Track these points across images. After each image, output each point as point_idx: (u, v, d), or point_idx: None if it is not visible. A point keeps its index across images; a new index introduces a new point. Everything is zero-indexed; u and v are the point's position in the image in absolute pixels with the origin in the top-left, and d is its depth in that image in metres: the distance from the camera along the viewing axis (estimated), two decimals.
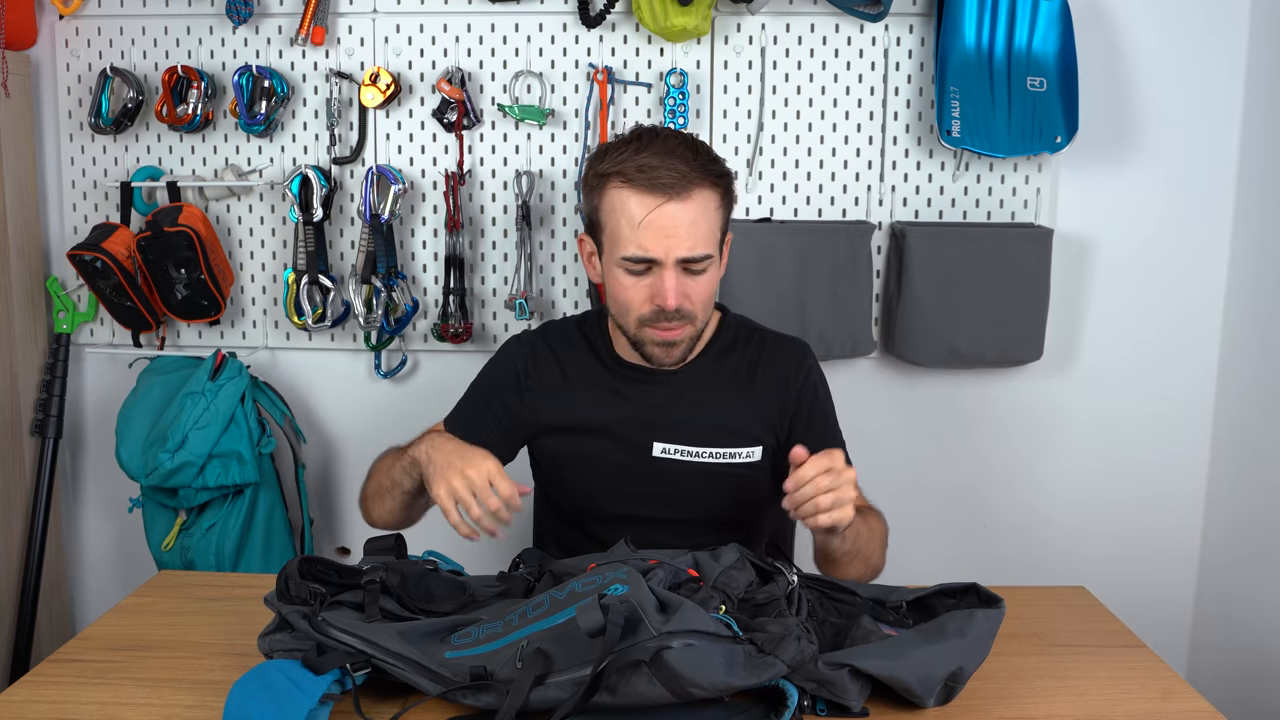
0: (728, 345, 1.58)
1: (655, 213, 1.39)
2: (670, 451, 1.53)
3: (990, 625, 1.17)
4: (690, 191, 1.40)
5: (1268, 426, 2.05)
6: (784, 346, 1.60)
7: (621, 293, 1.46)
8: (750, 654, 1.05)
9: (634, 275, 1.44)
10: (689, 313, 1.44)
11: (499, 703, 1.06)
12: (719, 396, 1.55)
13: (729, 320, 1.61)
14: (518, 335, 1.68)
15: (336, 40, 2.14)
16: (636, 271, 1.43)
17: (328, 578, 1.24)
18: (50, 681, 1.22)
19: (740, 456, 1.53)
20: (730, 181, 1.49)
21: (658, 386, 1.55)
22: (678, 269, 1.42)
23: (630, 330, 1.49)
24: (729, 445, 1.53)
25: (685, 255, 1.41)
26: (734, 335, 1.59)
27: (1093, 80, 2.09)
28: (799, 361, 1.58)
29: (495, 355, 1.66)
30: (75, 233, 2.22)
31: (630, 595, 1.06)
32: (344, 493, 2.32)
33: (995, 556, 2.24)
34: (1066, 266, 2.15)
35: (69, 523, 2.35)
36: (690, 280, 1.43)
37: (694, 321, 1.46)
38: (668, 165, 1.40)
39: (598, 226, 1.48)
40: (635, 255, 1.42)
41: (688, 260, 1.41)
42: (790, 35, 2.11)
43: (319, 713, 1.08)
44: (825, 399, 1.60)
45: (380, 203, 2.09)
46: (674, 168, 1.40)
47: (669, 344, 1.47)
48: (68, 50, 2.17)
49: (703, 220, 1.42)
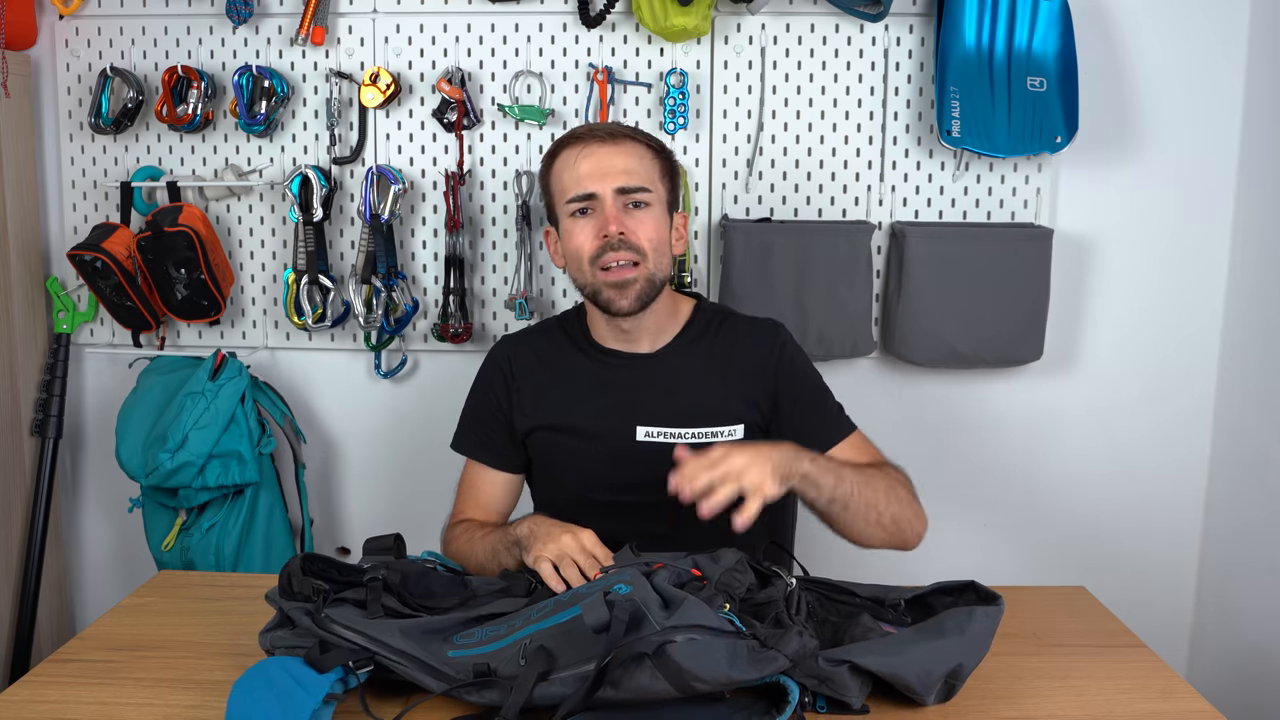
0: (702, 329, 1.63)
1: (587, 151, 1.53)
2: (654, 435, 1.56)
3: (990, 623, 1.18)
4: (620, 140, 1.54)
5: (1268, 426, 2.05)
6: (756, 327, 1.64)
7: (572, 241, 1.54)
8: (753, 648, 1.06)
9: (580, 219, 1.53)
10: (635, 245, 1.50)
11: (503, 699, 1.07)
12: (698, 378, 1.58)
13: (703, 307, 1.66)
14: (500, 339, 1.73)
15: (336, 40, 2.14)
16: (581, 212, 1.53)
17: (329, 575, 1.24)
18: (50, 681, 1.23)
19: (723, 435, 1.56)
20: (669, 156, 1.59)
21: (637, 371, 1.58)
22: (617, 202, 1.51)
23: (587, 280, 1.54)
24: (711, 424, 1.56)
25: (622, 185, 1.51)
26: (708, 321, 1.64)
27: (1093, 80, 2.09)
28: (772, 339, 1.62)
29: (484, 364, 1.70)
30: (75, 233, 2.22)
31: (634, 594, 1.07)
32: (344, 493, 2.32)
33: (995, 556, 2.25)
34: (1066, 266, 2.15)
35: (69, 523, 2.35)
36: (632, 218, 1.51)
37: (644, 260, 1.51)
38: (596, 127, 1.57)
39: (551, 202, 1.59)
40: (576, 194, 1.52)
41: (625, 190, 1.51)
42: (790, 35, 2.11)
43: (322, 711, 1.08)
44: (805, 369, 1.63)
45: (380, 203, 2.09)
46: (602, 127, 1.56)
47: (621, 284, 1.51)
48: (68, 50, 2.17)
49: (637, 163, 1.53)
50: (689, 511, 1.49)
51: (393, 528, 1.47)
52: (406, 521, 1.66)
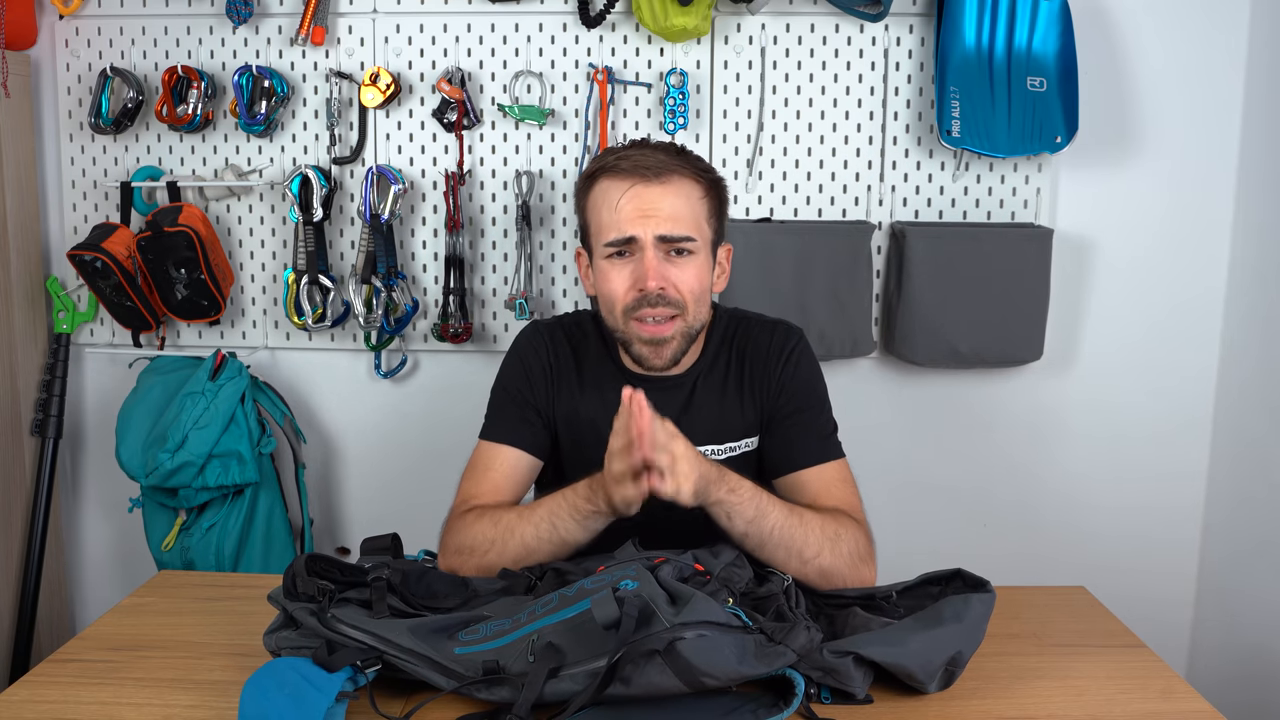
0: (721, 341, 1.55)
1: (632, 192, 1.40)
2: None
3: (985, 609, 1.19)
4: (669, 177, 1.41)
5: (1268, 426, 2.05)
6: (769, 330, 1.56)
7: (606, 285, 1.43)
8: (761, 643, 1.07)
9: (617, 261, 1.42)
10: (675, 300, 1.40)
11: (513, 696, 1.07)
12: (719, 395, 1.53)
13: (720, 315, 1.58)
14: (534, 323, 1.60)
15: (336, 40, 2.14)
16: (618, 254, 1.42)
17: (331, 576, 1.24)
18: (50, 681, 1.22)
19: (740, 448, 1.52)
20: (720, 186, 1.48)
21: (665, 393, 1.49)
22: (659, 251, 1.40)
23: (619, 328, 1.45)
24: (730, 439, 1.52)
25: (665, 233, 1.39)
26: (725, 329, 1.56)
27: (1093, 80, 2.09)
28: (782, 344, 1.54)
29: (514, 349, 1.59)
30: (75, 233, 2.22)
31: (641, 590, 1.08)
32: (344, 493, 2.32)
33: (995, 556, 2.23)
34: (1066, 266, 2.15)
35: (69, 523, 2.35)
36: (675, 267, 1.41)
37: (684, 314, 1.42)
38: (649, 156, 1.42)
39: (586, 228, 1.48)
40: (614, 238, 1.41)
41: (668, 239, 1.39)
42: (790, 35, 2.11)
43: (336, 709, 1.08)
44: (810, 382, 1.54)
45: (380, 203, 2.09)
46: (654, 158, 1.41)
47: (657, 341, 1.42)
48: (68, 50, 2.17)
49: (684, 206, 1.41)
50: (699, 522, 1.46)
51: (393, 528, 1.47)
52: (406, 521, 1.66)
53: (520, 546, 1.35)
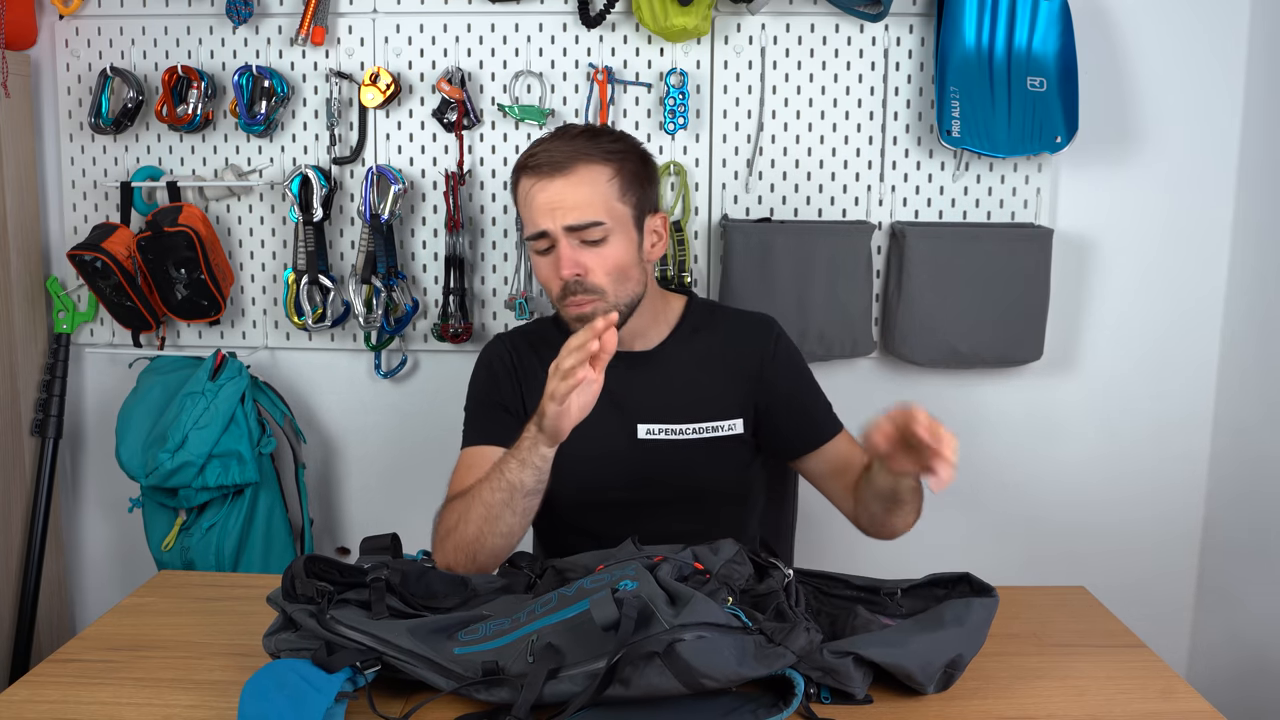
0: (696, 325, 1.63)
1: (538, 186, 1.49)
2: (655, 432, 1.56)
3: (986, 614, 1.19)
4: (573, 167, 1.48)
5: (1268, 426, 2.05)
6: (749, 321, 1.66)
7: (539, 276, 1.55)
8: (760, 644, 1.07)
9: (541, 255, 1.53)
10: (592, 285, 1.49)
11: (512, 697, 1.07)
12: (694, 373, 1.59)
13: (694, 304, 1.67)
14: (495, 337, 1.73)
15: (336, 40, 2.14)
16: (540, 250, 1.52)
17: (330, 577, 1.24)
18: (50, 681, 1.22)
19: (723, 429, 1.57)
20: (634, 157, 1.54)
21: (634, 370, 1.58)
22: (571, 240, 1.48)
23: (557, 309, 1.56)
24: (710, 419, 1.57)
25: (571, 223, 1.48)
26: (700, 316, 1.65)
27: (1093, 80, 2.09)
28: (764, 333, 1.63)
29: (479, 362, 1.68)
30: (75, 233, 2.22)
31: (640, 590, 1.08)
32: (344, 493, 2.32)
33: (995, 556, 2.24)
34: (1066, 266, 2.15)
35: (69, 523, 2.35)
36: (589, 252, 1.49)
37: (603, 296, 1.50)
38: (554, 148, 1.50)
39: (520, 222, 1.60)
40: (531, 233, 1.51)
41: (575, 228, 1.48)
42: (790, 35, 2.11)
43: (335, 710, 1.08)
44: (799, 364, 1.64)
45: (380, 203, 2.09)
46: (559, 149, 1.50)
47: (583, 318, 1.49)
48: (68, 50, 2.17)
49: (588, 193, 1.48)
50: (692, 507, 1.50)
51: (392, 528, 1.47)
52: (406, 522, 1.66)
53: (481, 506, 1.40)
